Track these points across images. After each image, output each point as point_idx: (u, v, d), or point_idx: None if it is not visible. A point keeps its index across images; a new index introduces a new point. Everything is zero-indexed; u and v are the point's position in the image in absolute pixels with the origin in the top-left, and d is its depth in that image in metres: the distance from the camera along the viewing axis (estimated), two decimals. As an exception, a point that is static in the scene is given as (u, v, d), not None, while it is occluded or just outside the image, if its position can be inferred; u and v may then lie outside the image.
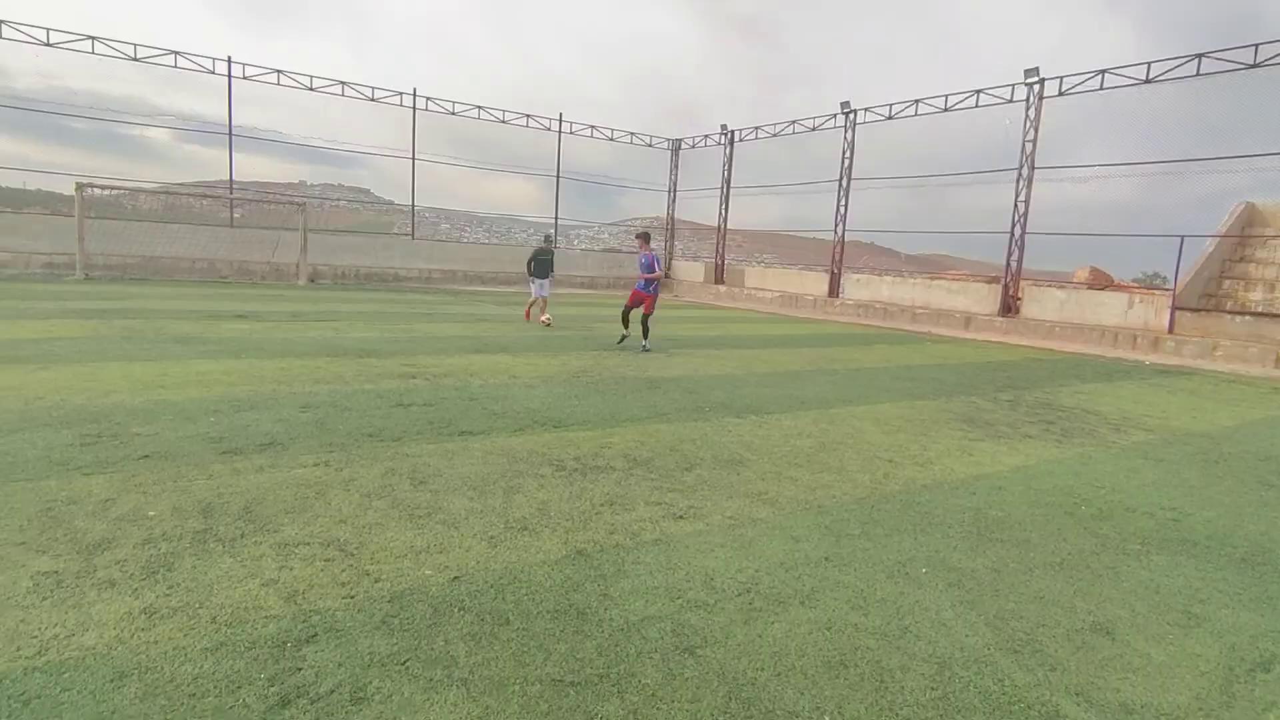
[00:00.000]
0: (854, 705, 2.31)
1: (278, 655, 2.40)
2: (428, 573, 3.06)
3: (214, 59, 21.46)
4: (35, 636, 2.40)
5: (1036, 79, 17.99)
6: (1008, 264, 18.77)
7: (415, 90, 24.46)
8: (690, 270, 30.14)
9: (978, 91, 19.40)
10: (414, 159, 24.81)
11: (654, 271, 10.91)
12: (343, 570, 3.04)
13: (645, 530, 3.68)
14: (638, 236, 11.54)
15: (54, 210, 21.24)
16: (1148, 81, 16.39)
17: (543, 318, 13.46)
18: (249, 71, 21.89)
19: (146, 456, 4.36)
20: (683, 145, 30.32)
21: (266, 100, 22.93)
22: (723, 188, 28.11)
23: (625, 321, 11.16)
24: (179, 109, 23.90)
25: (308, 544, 3.27)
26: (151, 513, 3.51)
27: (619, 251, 34.04)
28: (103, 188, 20.46)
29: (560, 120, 27.50)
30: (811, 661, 2.55)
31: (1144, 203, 17.81)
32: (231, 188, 22.48)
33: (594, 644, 2.58)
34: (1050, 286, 19.23)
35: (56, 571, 2.87)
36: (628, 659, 2.50)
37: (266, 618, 2.63)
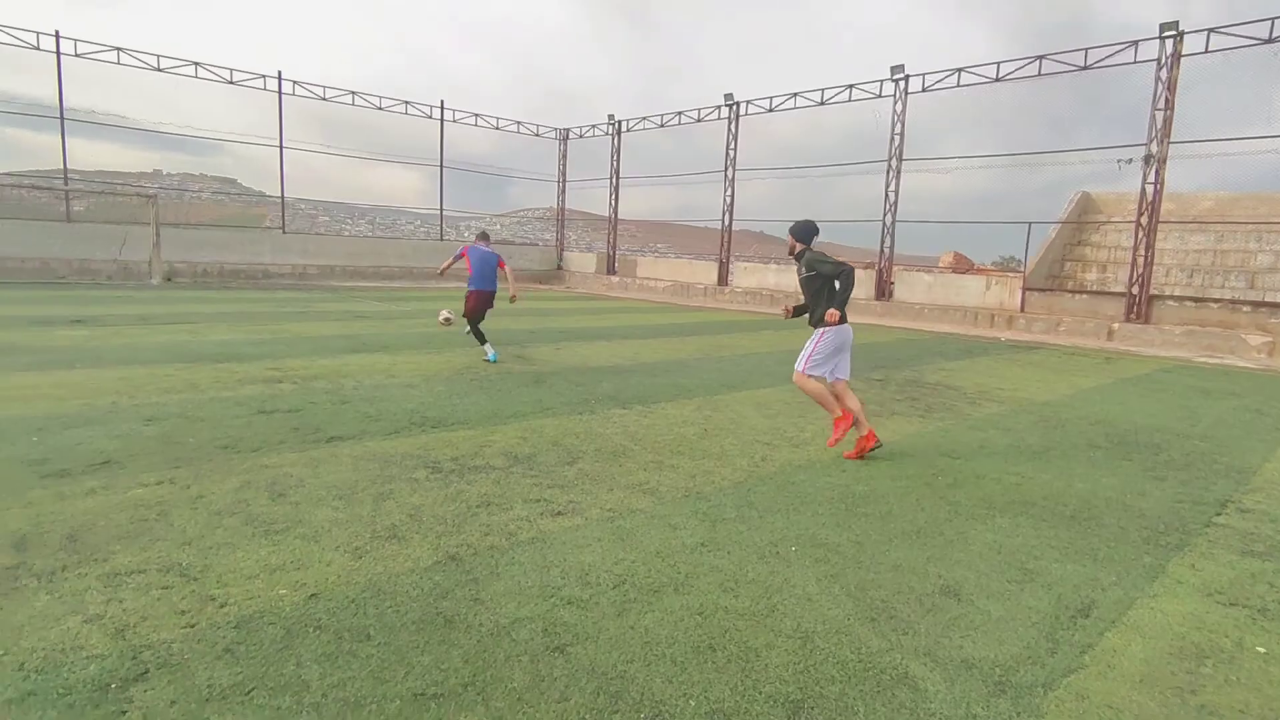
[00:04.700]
0: (719, 687, 2.35)
1: (99, 699, 2.16)
2: (282, 592, 2.86)
3: (39, 33, 19.17)
4: None
5: (902, 75, 19.11)
6: (881, 250, 19.89)
7: (280, 73, 22.88)
8: (582, 261, 30.02)
9: (850, 86, 20.37)
10: (281, 146, 23.23)
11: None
12: (183, 598, 2.78)
13: (522, 529, 3.61)
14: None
15: None
16: (998, 80, 17.76)
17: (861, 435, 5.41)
18: (81, 48, 19.71)
19: (-52, 485, 3.83)
20: (571, 134, 30.06)
21: (108, 81, 20.70)
22: (612, 178, 28.13)
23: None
24: (-1, 89, 21.24)
25: (143, 571, 2.98)
26: (-51, 550, 3.08)
27: (511, 243, 33.41)
28: (-96, 178, 17.87)
29: (442, 107, 26.57)
30: (681, 648, 2.58)
31: (999, 192, 19.46)
32: (67, 177, 20.20)
33: (460, 652, 2.49)
34: (919, 271, 20.59)
35: None
36: (495, 664, 2.43)
37: (88, 658, 2.36)
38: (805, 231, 5.53)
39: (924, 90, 19.03)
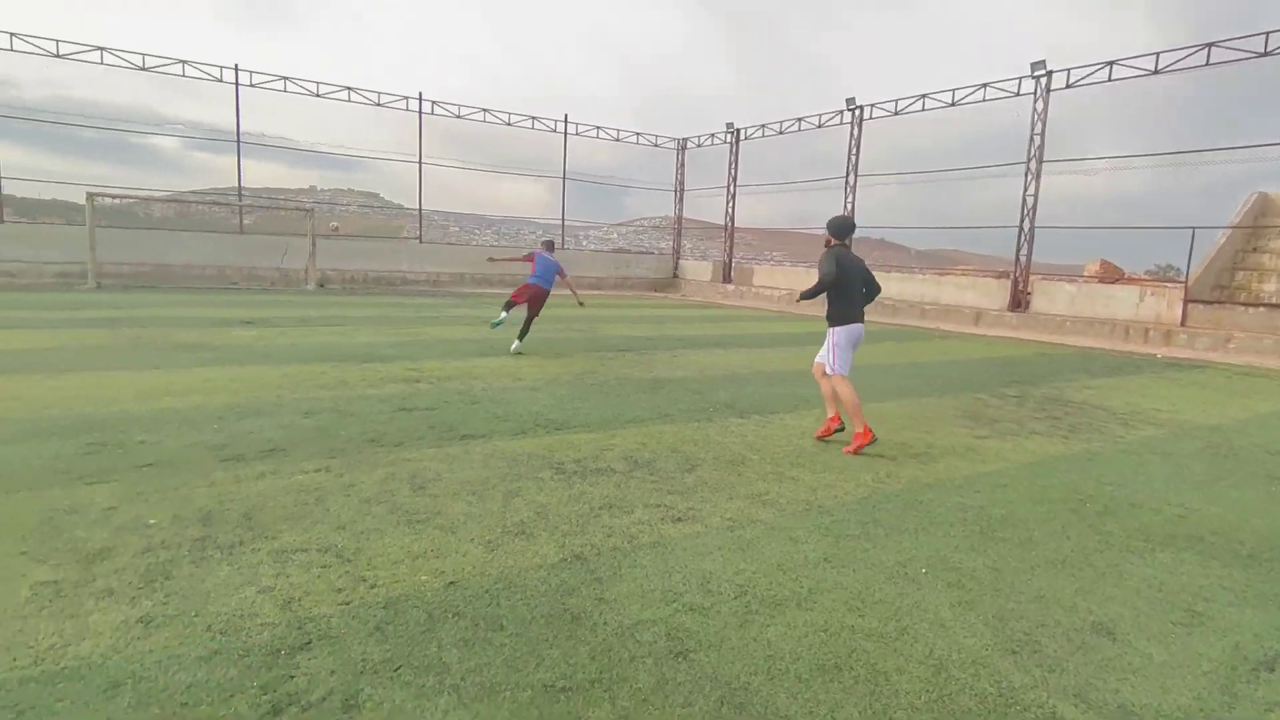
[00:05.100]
0: (848, 709, 2.29)
1: (271, 663, 2.41)
2: (424, 578, 3.07)
3: (221, 67, 21.64)
4: (31, 646, 2.43)
5: (1044, 71, 17.83)
6: (1017, 258, 18.60)
7: (421, 94, 24.58)
8: (698, 269, 30.08)
9: (984, 85, 19.25)
10: (420, 163, 24.92)
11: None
12: (339, 576, 3.05)
13: (643, 533, 3.67)
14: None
15: (67, 220, 21.53)
16: (1156, 72, 16.20)
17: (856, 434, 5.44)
18: (256, 79, 22.06)
19: (149, 465, 4.40)
20: (689, 144, 30.26)
21: (274, 107, 23.10)
22: (729, 186, 28.05)
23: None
24: (187, 117, 24.17)
25: (305, 550, 3.29)
26: (152, 521, 3.54)
27: (627, 251, 34.07)
28: (114, 196, 20.71)
29: (565, 121, 27.53)
30: (806, 664, 2.53)
31: (1154, 195, 17.64)
32: (240, 194, 22.66)
33: (587, 649, 2.57)
34: (1060, 281, 19.07)
35: (55, 581, 2.89)
36: (621, 663, 2.49)
37: (261, 625, 2.64)
38: (835, 228, 5.72)
39: (1068, 86, 17.65)
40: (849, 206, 23.07)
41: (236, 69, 21.73)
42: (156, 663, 2.37)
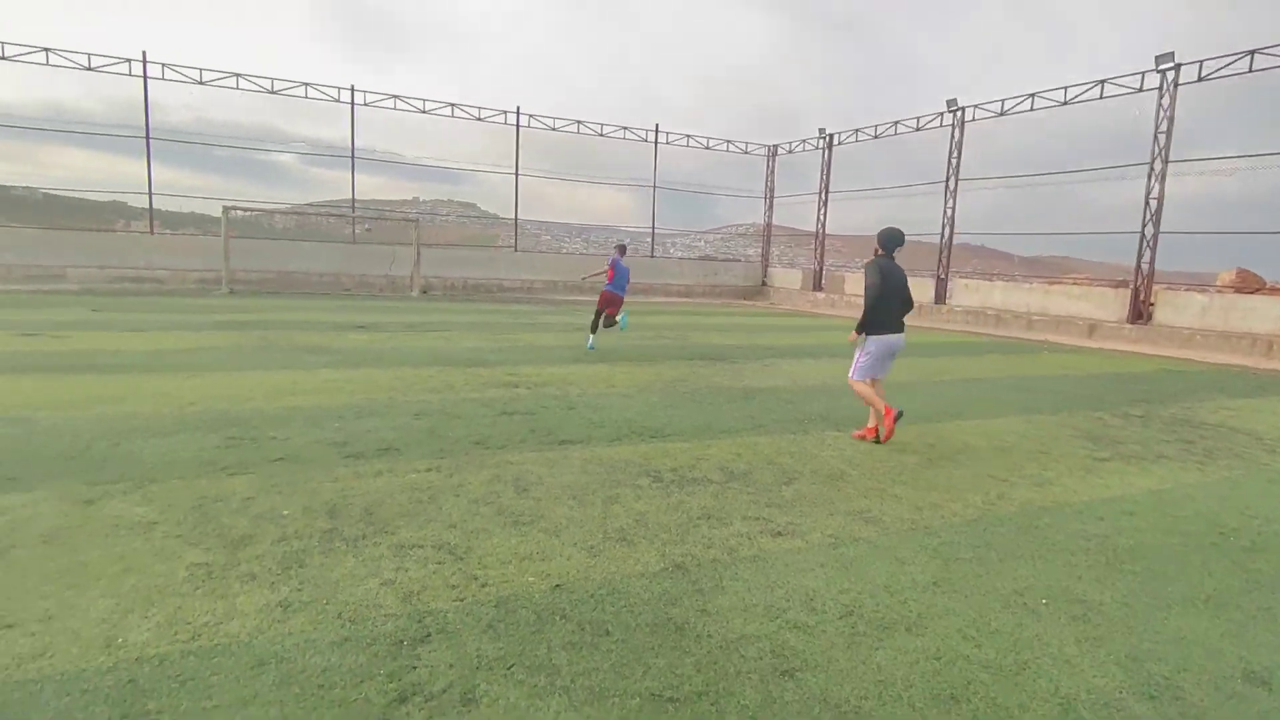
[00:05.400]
0: (966, 742, 2.20)
1: (395, 653, 2.55)
2: (531, 579, 3.17)
3: (339, 88, 23.18)
4: (189, 623, 2.68)
5: (1171, 65, 16.52)
6: (1138, 266, 17.27)
7: (519, 108, 25.44)
8: (787, 277, 29.61)
9: (1102, 82, 18.03)
10: (517, 174, 25.76)
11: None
12: (453, 573, 3.19)
13: (743, 546, 3.65)
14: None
15: (205, 231, 23.60)
16: (1309, 60, 14.69)
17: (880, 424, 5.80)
18: (369, 98, 23.49)
19: (281, 459, 4.76)
20: (779, 151, 29.88)
21: (383, 124, 24.53)
22: (821, 192, 27.48)
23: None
24: (305, 135, 26.01)
25: (421, 547, 3.46)
26: (285, 512, 3.83)
27: (714, 259, 33.95)
28: (245, 209, 22.53)
29: (656, 131, 27.79)
30: (920, 693, 2.45)
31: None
32: (354, 206, 24.15)
33: (692, 660, 2.58)
34: (1189, 290, 17.56)
35: (207, 564, 3.18)
36: (726, 678, 2.49)
37: (385, 616, 2.80)
38: (883, 239, 5.88)
39: (1200, 80, 16.25)
40: (948, 211, 22.13)
41: (353, 89, 23.21)
42: (295, 645, 2.56)
